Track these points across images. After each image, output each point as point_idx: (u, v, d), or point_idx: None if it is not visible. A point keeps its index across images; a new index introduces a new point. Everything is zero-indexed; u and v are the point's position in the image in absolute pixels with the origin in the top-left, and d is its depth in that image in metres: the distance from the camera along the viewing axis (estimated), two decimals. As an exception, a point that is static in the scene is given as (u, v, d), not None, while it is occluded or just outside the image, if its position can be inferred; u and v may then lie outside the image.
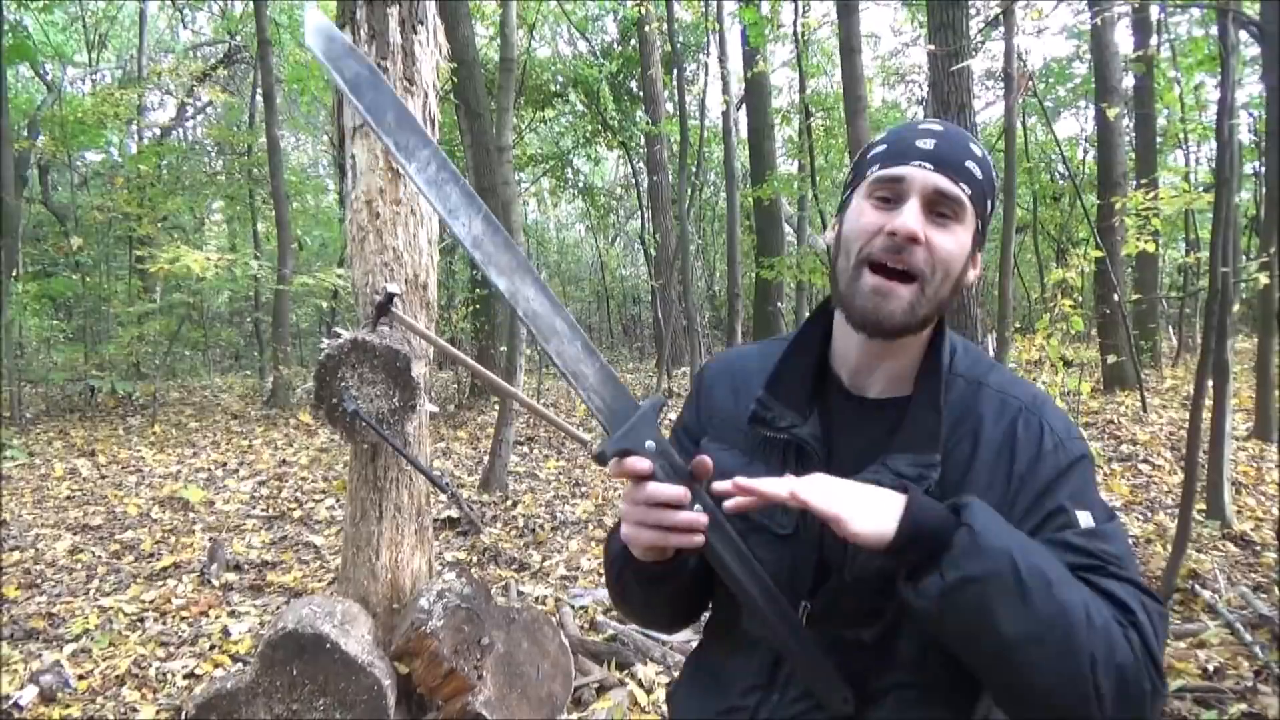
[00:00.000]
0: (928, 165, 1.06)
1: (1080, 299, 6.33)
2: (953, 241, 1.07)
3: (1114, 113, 8.76)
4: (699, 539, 1.06)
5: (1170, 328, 14.22)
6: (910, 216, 1.05)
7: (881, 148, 1.11)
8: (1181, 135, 13.47)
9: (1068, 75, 15.14)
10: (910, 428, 1.09)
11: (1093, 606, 0.94)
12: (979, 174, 1.07)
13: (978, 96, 16.30)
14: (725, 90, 12.89)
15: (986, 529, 0.94)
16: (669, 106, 14.54)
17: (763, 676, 1.15)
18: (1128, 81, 11.77)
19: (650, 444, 1.06)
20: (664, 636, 3.95)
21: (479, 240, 1.11)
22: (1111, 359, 9.04)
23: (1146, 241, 6.15)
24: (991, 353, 9.22)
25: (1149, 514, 5.61)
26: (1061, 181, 14.82)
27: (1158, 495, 5.98)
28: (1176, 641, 3.78)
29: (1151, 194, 5.96)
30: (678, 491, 1.04)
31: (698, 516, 1.05)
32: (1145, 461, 6.82)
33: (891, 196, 1.08)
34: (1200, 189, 8.96)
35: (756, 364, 1.24)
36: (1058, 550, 0.99)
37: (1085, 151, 15.35)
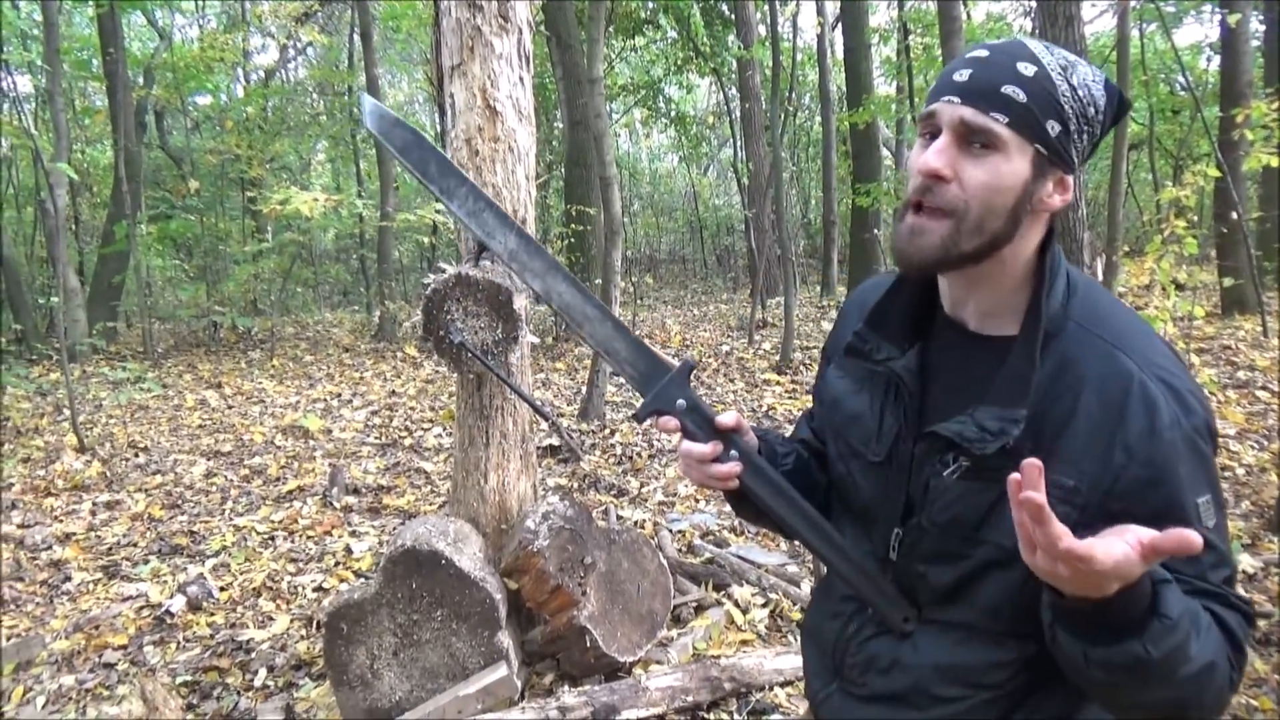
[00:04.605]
0: (955, 99, 1.02)
1: (1196, 219, 6.02)
2: (988, 173, 1.02)
3: (1235, 19, 8.14)
4: (733, 483, 1.20)
5: (1300, 247, 13.29)
6: (931, 154, 1.03)
7: (934, 83, 1.09)
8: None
9: (1192, -23, 14.08)
10: (1005, 377, 1.05)
11: (1219, 668, 0.97)
12: (1022, 97, 1.00)
13: (1094, 4, 15.36)
14: (820, 10, 12.46)
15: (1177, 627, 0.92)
16: (761, 30, 14.17)
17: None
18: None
19: (681, 402, 1.20)
20: (760, 559, 4.07)
21: (515, 253, 1.31)
22: (1230, 281, 8.56)
23: (1271, 155, 5.77)
24: (1100, 277, 8.87)
25: (1264, 442, 5.42)
26: (1182, 94, 13.91)
27: (1275, 423, 5.75)
28: (1286, 571, 3.71)
29: (1277, 104, 5.59)
30: (705, 449, 1.18)
31: (728, 468, 1.18)
32: (1264, 388, 6.54)
33: (931, 133, 1.05)
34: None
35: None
36: (1187, 571, 1.00)
37: (1208, 60, 14.33)
